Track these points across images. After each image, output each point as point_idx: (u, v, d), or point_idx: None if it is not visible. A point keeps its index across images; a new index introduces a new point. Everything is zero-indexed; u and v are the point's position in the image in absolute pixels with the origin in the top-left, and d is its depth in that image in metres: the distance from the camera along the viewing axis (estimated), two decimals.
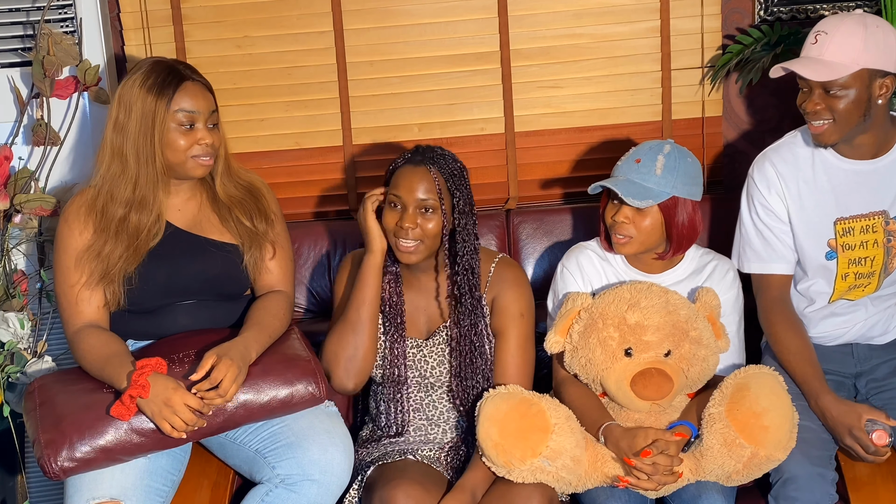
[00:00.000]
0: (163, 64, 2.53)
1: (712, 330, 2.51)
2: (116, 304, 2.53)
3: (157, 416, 2.33)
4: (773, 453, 2.40)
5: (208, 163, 2.53)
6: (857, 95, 2.45)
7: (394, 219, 2.50)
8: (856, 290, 2.63)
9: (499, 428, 2.39)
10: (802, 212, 2.59)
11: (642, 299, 2.47)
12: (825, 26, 2.49)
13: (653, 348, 2.44)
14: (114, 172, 2.51)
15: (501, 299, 2.58)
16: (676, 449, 2.39)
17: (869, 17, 2.48)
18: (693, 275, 2.64)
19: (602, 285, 2.64)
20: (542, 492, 2.38)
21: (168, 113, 2.47)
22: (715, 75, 3.15)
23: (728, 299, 2.61)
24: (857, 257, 2.59)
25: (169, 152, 2.49)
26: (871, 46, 2.44)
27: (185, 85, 2.49)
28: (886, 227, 2.57)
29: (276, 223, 2.66)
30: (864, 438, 2.41)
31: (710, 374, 2.53)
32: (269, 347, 2.51)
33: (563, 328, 2.53)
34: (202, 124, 2.51)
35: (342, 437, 2.48)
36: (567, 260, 2.67)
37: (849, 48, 2.44)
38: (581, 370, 2.52)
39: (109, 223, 2.50)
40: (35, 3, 3.05)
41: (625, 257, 2.64)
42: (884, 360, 2.65)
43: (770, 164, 2.61)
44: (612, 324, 2.46)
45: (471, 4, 3.16)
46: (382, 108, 3.22)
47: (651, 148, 2.58)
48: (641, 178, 2.53)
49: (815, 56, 2.47)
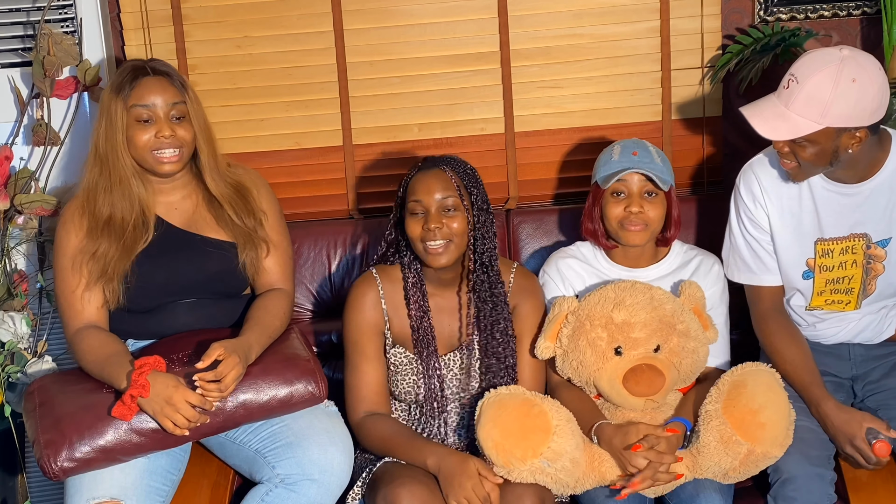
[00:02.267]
0: (132, 64, 2.58)
1: (699, 322, 2.53)
2: (116, 303, 2.53)
3: (159, 415, 2.33)
4: (769, 450, 2.40)
5: (171, 157, 2.54)
6: (821, 149, 2.36)
7: (418, 225, 2.48)
8: (834, 304, 2.61)
9: (500, 428, 2.39)
10: (784, 229, 2.57)
11: (627, 297, 2.49)
12: (798, 70, 2.35)
13: (642, 345, 2.45)
14: (94, 174, 2.55)
15: (522, 308, 2.60)
16: (667, 444, 2.40)
17: (846, 68, 2.31)
18: (678, 269, 2.67)
19: (585, 287, 2.67)
20: (535, 492, 2.38)
21: (126, 110, 2.50)
22: (715, 75, 3.15)
23: (715, 292, 2.64)
24: (835, 277, 2.57)
25: (132, 148, 2.53)
26: (839, 107, 2.31)
27: (142, 80, 2.52)
28: (867, 252, 2.54)
29: (267, 220, 2.65)
30: (865, 449, 2.40)
31: (702, 366, 2.55)
32: (268, 347, 2.52)
33: (552, 333, 2.54)
34: (162, 117, 2.51)
35: (342, 437, 2.48)
36: (547, 266, 2.72)
37: (814, 107, 2.32)
38: (573, 373, 2.52)
39: (98, 223, 2.53)
40: (35, 3, 3.05)
41: (608, 255, 2.68)
42: (879, 362, 2.65)
43: (755, 177, 2.58)
44: (599, 324, 2.47)
45: (471, 4, 3.16)
46: (382, 108, 3.21)
47: (634, 142, 2.66)
48: (649, 167, 2.57)
49: (782, 105, 2.37)
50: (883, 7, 2.96)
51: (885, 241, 2.54)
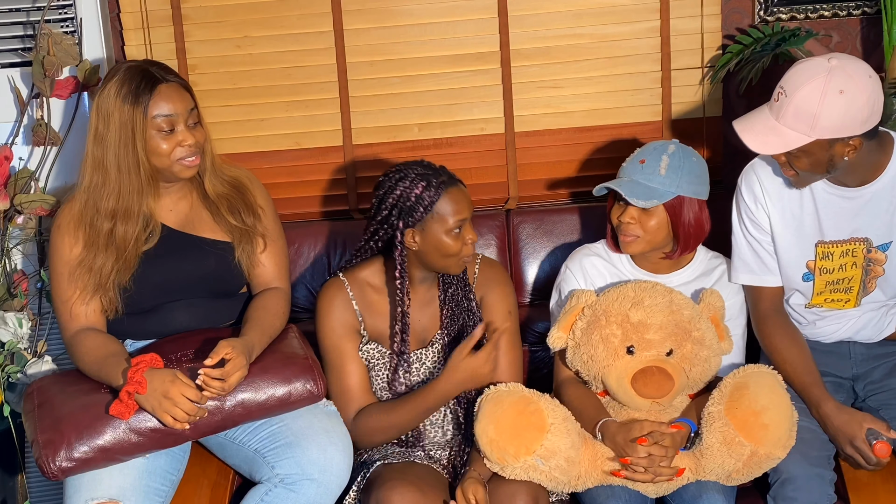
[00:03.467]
0: (135, 69, 2.48)
1: (715, 332, 2.52)
2: (114, 312, 2.53)
3: (158, 410, 2.33)
4: (772, 451, 2.40)
5: (194, 163, 2.52)
6: (815, 159, 2.36)
7: (460, 241, 2.48)
8: (834, 303, 2.61)
9: (496, 424, 2.40)
10: (785, 230, 2.57)
11: (646, 298, 2.48)
12: (787, 83, 2.35)
13: (655, 347, 2.45)
14: (96, 184, 2.49)
15: (489, 298, 2.61)
16: (672, 441, 2.40)
17: (834, 79, 2.29)
18: (701, 277, 2.65)
19: (605, 285, 2.65)
20: (528, 490, 2.38)
21: (147, 120, 2.44)
22: (715, 75, 3.15)
23: (736, 303, 2.62)
24: (835, 279, 2.57)
25: (154, 158, 2.47)
26: (827, 119, 2.30)
27: (160, 88, 2.46)
28: (867, 255, 2.54)
29: (264, 216, 2.65)
30: (865, 449, 2.40)
31: (712, 376, 2.54)
32: (267, 346, 2.52)
33: (566, 324, 2.54)
34: (182, 125, 2.48)
35: (341, 437, 2.47)
36: (571, 262, 2.69)
37: (803, 120, 2.31)
38: (582, 367, 2.52)
39: (97, 237, 2.49)
40: (35, 3, 3.05)
41: (631, 258, 2.65)
42: (880, 361, 2.64)
43: (756, 178, 2.57)
44: (615, 321, 2.47)
45: (471, 4, 3.16)
46: (382, 108, 3.21)
47: (655, 148, 2.59)
48: (646, 178, 2.54)
49: (773, 119, 2.37)
50: (883, 7, 2.96)
51: (885, 245, 2.54)
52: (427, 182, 2.46)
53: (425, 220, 2.46)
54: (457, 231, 2.47)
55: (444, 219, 2.45)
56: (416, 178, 2.46)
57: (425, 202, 2.45)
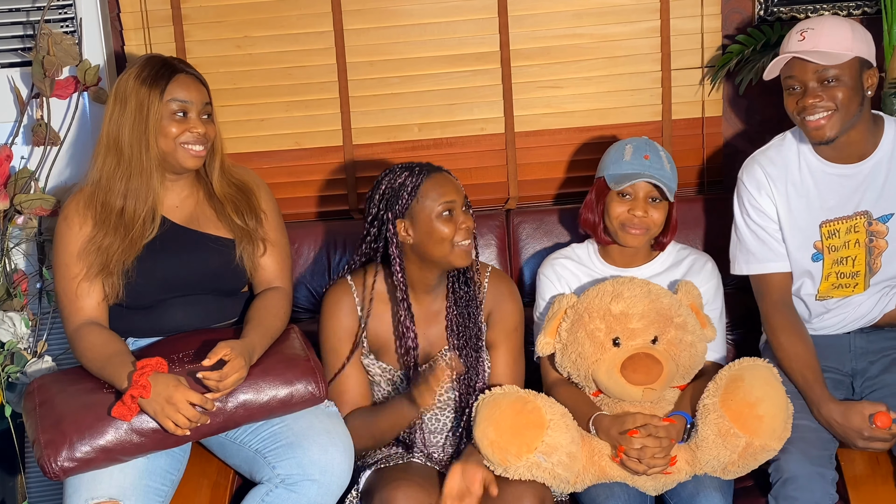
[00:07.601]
0: (157, 58, 2.57)
1: (697, 318, 2.55)
2: (115, 298, 2.53)
3: (160, 415, 2.33)
4: (767, 443, 2.42)
5: (200, 153, 2.55)
6: (853, 83, 2.50)
7: (452, 225, 2.48)
8: (841, 289, 2.65)
9: (495, 426, 2.41)
10: (790, 214, 2.62)
11: (625, 290, 2.53)
12: (809, 24, 2.54)
13: (639, 335, 2.48)
14: (110, 165, 2.53)
15: (498, 313, 2.61)
16: (665, 432, 2.41)
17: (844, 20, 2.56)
18: (671, 268, 2.71)
19: (579, 286, 2.71)
20: (534, 490, 2.39)
21: (161, 103, 2.50)
22: (715, 75, 3.15)
23: (709, 288, 2.68)
24: (841, 257, 2.61)
25: (161, 140, 2.51)
26: (859, 37, 2.51)
27: (179, 76, 2.53)
28: (869, 228, 2.60)
29: (267, 220, 2.66)
30: (876, 434, 2.42)
31: (700, 362, 2.57)
32: (268, 347, 2.52)
33: (552, 329, 2.57)
34: (195, 114, 2.53)
35: (342, 438, 2.48)
36: (543, 268, 2.76)
37: (841, 38, 2.49)
38: (572, 366, 2.54)
39: (109, 215, 2.52)
40: (35, 3, 3.05)
41: (600, 255, 2.73)
42: (878, 356, 2.66)
43: (759, 165, 2.65)
44: (597, 316, 2.50)
45: (471, 4, 3.16)
46: (382, 108, 3.21)
47: (646, 144, 2.68)
48: (659, 172, 2.61)
49: (809, 48, 2.50)
50: (883, 7, 2.97)
51: (886, 217, 2.61)
52: (410, 171, 2.50)
53: (412, 206, 2.48)
54: (446, 214, 2.47)
55: (430, 203, 2.47)
56: (399, 170, 2.52)
57: (409, 188, 2.48)
